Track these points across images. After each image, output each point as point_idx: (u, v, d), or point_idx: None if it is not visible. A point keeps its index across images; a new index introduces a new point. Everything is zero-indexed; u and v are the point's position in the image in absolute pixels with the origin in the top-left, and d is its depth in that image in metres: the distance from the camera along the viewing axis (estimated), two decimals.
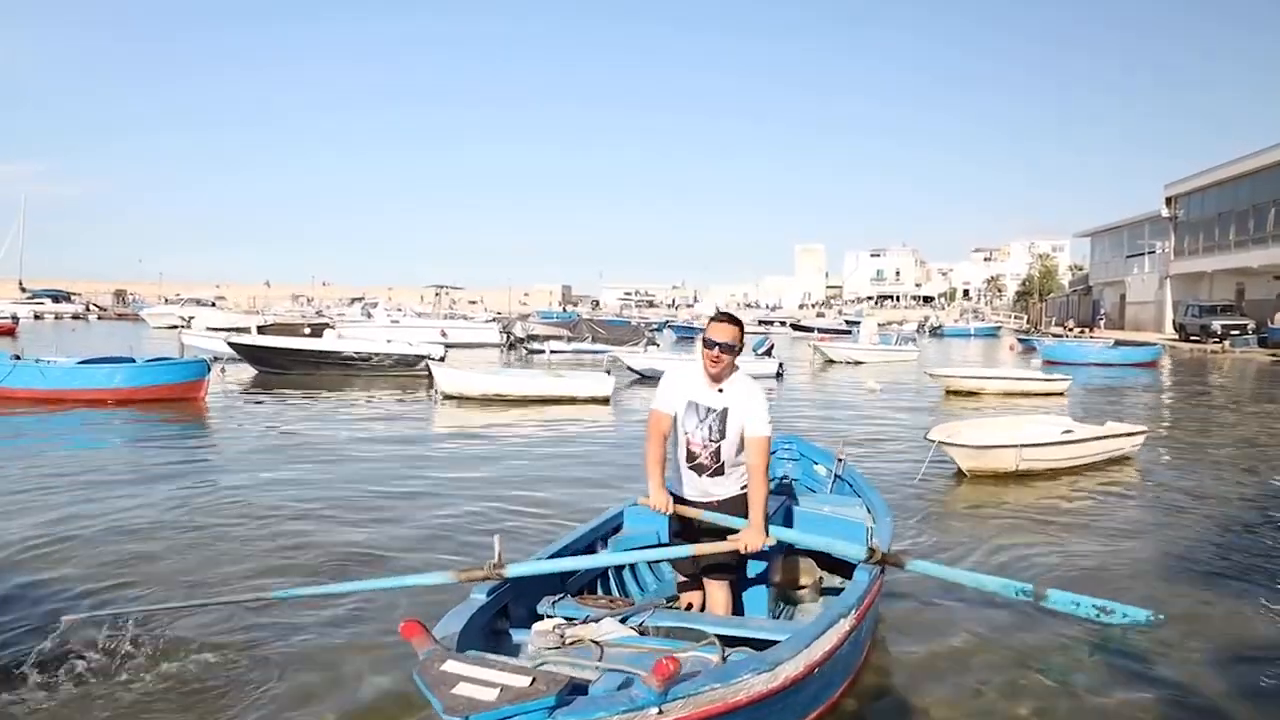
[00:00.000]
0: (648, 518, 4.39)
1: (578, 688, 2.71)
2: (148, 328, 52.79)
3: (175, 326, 49.32)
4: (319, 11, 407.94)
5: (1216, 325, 37.06)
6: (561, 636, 3.43)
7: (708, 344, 3.97)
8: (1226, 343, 34.68)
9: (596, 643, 3.37)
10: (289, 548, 6.39)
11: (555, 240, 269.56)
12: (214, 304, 64.62)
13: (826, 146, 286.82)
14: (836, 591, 4.88)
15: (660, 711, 2.61)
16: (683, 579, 4.30)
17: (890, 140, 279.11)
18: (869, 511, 5.23)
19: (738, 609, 4.26)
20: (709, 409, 4.03)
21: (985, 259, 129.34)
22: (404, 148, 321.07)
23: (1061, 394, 19.03)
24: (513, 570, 3.76)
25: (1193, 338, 38.57)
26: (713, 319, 4.07)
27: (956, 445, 9.33)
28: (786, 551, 4.76)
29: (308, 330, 30.28)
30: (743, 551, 3.90)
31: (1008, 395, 18.44)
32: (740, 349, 3.99)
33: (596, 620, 3.61)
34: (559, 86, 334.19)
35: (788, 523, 4.68)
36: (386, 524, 7.15)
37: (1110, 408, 16.56)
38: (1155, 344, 33.40)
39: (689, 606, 4.22)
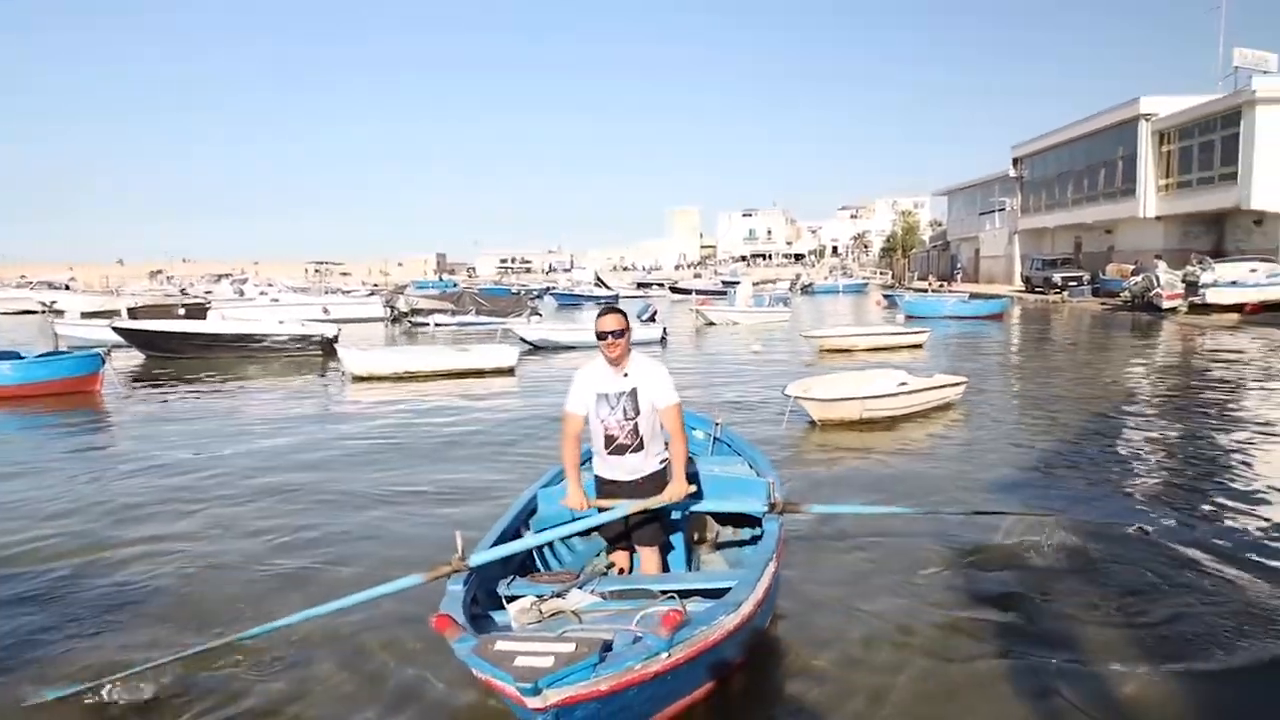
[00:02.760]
0: (559, 495, 4.96)
1: (605, 645, 3.23)
2: None
3: (29, 312, 46.46)
4: None
5: (1057, 277, 40.22)
6: (540, 611, 3.95)
7: (600, 335, 4.46)
8: (1065, 293, 37.76)
9: (575, 613, 3.93)
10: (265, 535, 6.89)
11: (427, 209, 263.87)
12: (67, 286, 60.72)
13: (698, 109, 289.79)
14: (733, 544, 5.80)
15: (669, 654, 3.28)
16: (611, 543, 4.88)
17: (760, 101, 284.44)
18: (752, 467, 5.86)
19: (663, 567, 5.00)
20: (619, 393, 4.53)
21: (852, 216, 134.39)
22: (269, 118, 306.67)
23: (920, 346, 20.94)
24: (474, 560, 4.24)
25: (1037, 289, 41.73)
26: (599, 314, 4.52)
27: (809, 399, 10.69)
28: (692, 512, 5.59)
29: (182, 311, 29.27)
30: (671, 501, 4.49)
31: (875, 350, 20.12)
32: (628, 331, 4.50)
33: (562, 594, 4.15)
34: (424, 56, 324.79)
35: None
36: (345, 509, 7.67)
37: (958, 357, 18.51)
38: (1004, 297, 36.16)
39: (620, 571, 4.83)
